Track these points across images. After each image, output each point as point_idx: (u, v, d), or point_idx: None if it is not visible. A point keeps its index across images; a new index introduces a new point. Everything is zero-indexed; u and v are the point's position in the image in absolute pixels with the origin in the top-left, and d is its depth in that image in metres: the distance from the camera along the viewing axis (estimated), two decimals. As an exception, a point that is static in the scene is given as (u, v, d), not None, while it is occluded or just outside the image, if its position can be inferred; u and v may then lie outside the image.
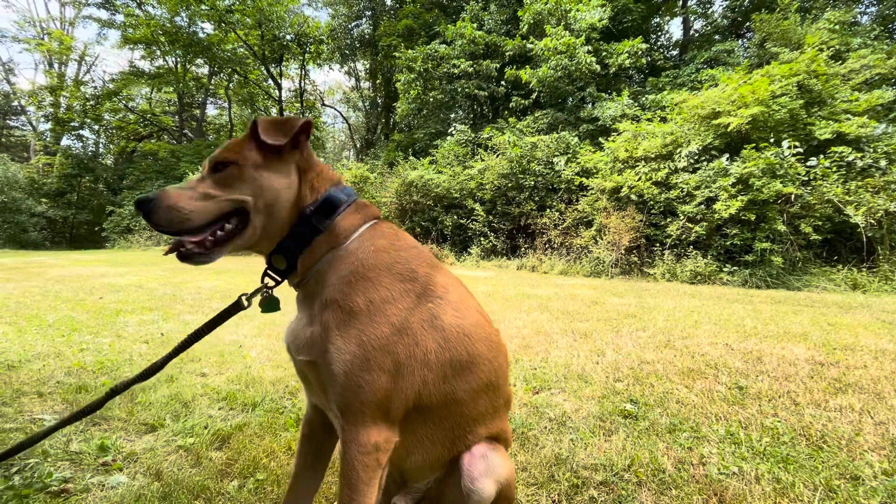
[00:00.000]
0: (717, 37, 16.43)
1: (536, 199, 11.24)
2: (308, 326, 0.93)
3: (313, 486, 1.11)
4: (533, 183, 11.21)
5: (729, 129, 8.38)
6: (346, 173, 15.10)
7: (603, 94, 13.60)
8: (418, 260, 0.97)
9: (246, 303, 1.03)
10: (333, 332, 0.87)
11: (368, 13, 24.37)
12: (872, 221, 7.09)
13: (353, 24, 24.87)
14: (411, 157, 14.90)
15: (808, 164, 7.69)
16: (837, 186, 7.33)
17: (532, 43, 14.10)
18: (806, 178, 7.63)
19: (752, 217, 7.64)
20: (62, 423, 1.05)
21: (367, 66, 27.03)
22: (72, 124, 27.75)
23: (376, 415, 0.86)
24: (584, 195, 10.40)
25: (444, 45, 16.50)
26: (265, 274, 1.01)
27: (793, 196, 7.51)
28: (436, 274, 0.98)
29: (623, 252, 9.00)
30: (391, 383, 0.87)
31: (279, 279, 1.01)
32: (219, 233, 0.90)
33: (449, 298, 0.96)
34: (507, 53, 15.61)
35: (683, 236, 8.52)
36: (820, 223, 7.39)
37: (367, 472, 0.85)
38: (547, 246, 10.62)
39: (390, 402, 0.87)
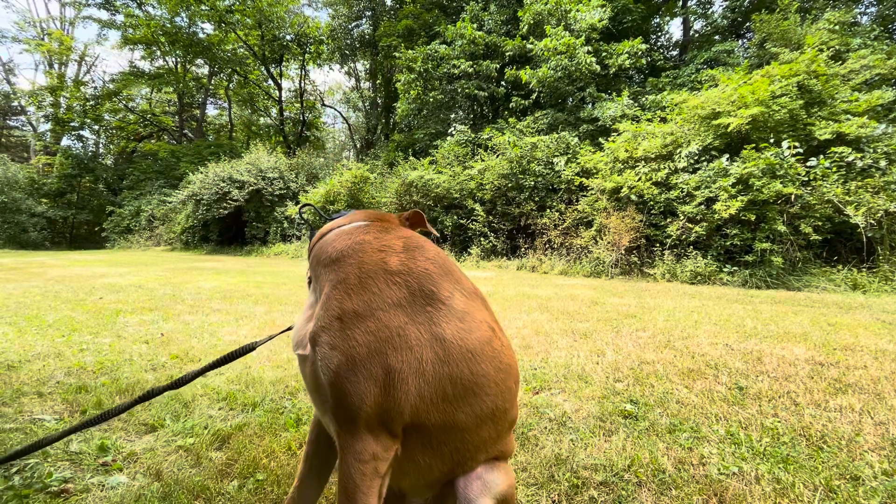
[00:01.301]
0: (717, 37, 16.42)
1: (536, 199, 11.24)
2: (308, 322, 0.93)
3: (318, 490, 1.10)
4: (533, 183, 11.21)
5: (729, 130, 8.37)
6: (346, 173, 15.11)
7: (603, 95, 13.60)
8: (417, 259, 0.91)
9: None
10: (321, 336, 0.85)
11: (368, 13, 24.37)
12: (872, 222, 7.09)
13: (353, 25, 24.88)
14: (411, 158, 14.90)
15: (808, 164, 7.68)
16: (837, 187, 7.32)
17: (532, 43, 14.09)
18: (806, 179, 7.63)
19: (752, 217, 7.64)
20: (75, 427, 1.01)
21: (367, 66, 27.04)
22: (72, 124, 27.81)
23: (371, 424, 0.81)
24: (584, 195, 10.40)
25: (444, 46, 16.50)
26: None
27: (793, 196, 7.51)
28: (440, 278, 0.91)
29: (623, 252, 9.00)
30: (383, 394, 0.81)
31: None
32: None
33: (454, 306, 0.89)
34: (507, 54, 15.61)
35: (683, 236, 8.52)
36: (820, 223, 7.39)
37: (365, 482, 0.80)
38: (547, 246, 10.62)
39: (385, 413, 0.81)
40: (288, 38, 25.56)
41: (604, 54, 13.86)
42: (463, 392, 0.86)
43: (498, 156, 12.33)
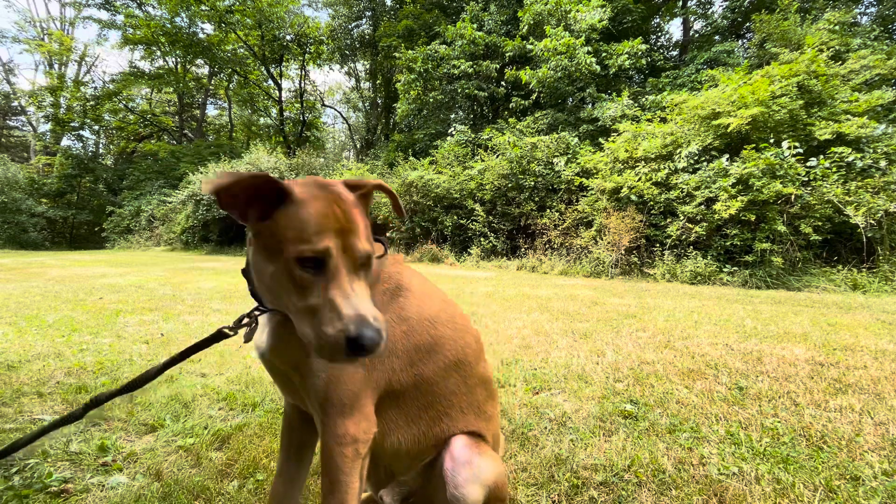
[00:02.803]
0: (716, 37, 16.44)
1: (536, 199, 11.24)
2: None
3: (299, 479, 1.11)
4: (533, 183, 11.22)
5: (729, 130, 8.38)
6: (346, 174, 15.11)
7: (603, 95, 13.61)
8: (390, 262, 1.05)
9: (231, 332, 1.01)
10: None
11: (368, 13, 24.39)
12: (872, 222, 7.09)
13: (353, 25, 24.89)
14: (411, 158, 14.91)
15: (808, 164, 7.69)
16: (837, 187, 7.33)
17: (532, 44, 14.10)
18: (806, 179, 7.64)
19: (752, 217, 7.64)
20: (59, 422, 1.04)
21: (367, 66, 27.05)
22: (72, 124, 27.80)
23: (354, 406, 0.89)
24: (584, 195, 10.40)
25: (444, 46, 16.51)
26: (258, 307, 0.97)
27: (793, 196, 7.51)
28: (403, 270, 1.05)
29: (623, 252, 9.00)
30: (366, 377, 0.91)
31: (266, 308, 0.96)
32: None
33: (413, 290, 1.03)
34: (506, 54, 15.62)
35: (683, 237, 8.52)
36: (820, 223, 7.39)
37: (347, 464, 0.86)
38: (547, 246, 10.62)
39: (364, 392, 0.91)
40: (288, 38, 25.57)
41: (604, 54, 13.87)
42: (426, 353, 0.99)
43: (498, 156, 12.33)
